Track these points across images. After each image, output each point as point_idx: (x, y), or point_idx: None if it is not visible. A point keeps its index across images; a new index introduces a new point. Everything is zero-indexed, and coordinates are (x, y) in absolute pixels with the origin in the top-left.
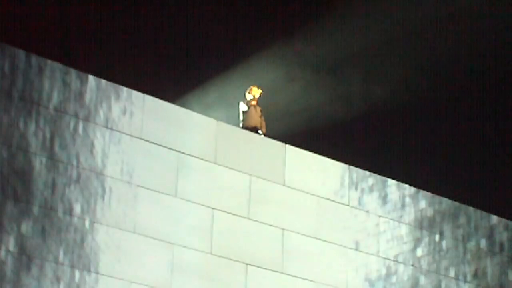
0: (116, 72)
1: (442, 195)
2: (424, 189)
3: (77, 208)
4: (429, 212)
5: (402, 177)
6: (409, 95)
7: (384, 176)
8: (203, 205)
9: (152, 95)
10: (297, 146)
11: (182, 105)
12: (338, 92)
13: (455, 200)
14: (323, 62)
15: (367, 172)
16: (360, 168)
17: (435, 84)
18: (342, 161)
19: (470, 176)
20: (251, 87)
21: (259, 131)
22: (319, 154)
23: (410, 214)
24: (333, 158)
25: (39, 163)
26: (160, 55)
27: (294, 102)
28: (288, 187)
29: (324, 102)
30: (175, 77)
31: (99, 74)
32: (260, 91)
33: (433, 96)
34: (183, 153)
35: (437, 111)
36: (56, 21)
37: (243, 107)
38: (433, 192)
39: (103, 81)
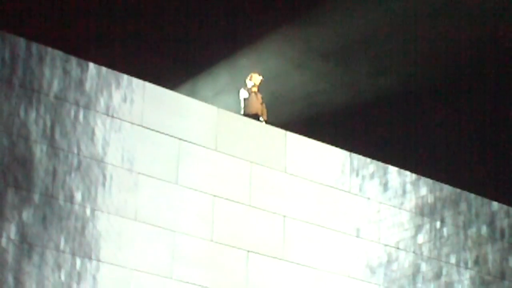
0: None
1: (443, 182)
2: (425, 176)
3: (78, 196)
4: (430, 199)
5: (403, 164)
6: (411, 83)
7: (385, 163)
8: (204, 192)
9: (157, 83)
10: (298, 133)
11: (189, 91)
12: (339, 80)
13: (456, 187)
14: (326, 50)
15: (368, 159)
16: (361, 155)
17: (437, 72)
18: (343, 148)
19: (471, 163)
20: (252, 74)
21: (260, 118)
22: (320, 141)
23: (411, 201)
24: (334, 145)
25: (40, 151)
26: (164, 41)
27: (295, 89)
28: (289, 174)
29: (325, 89)
30: (179, 63)
31: (99, 61)
32: (260, 78)
33: (434, 84)
34: (184, 140)
35: (438, 99)
36: (56, 9)
37: (244, 94)
38: (434, 178)
39: (104, 69)
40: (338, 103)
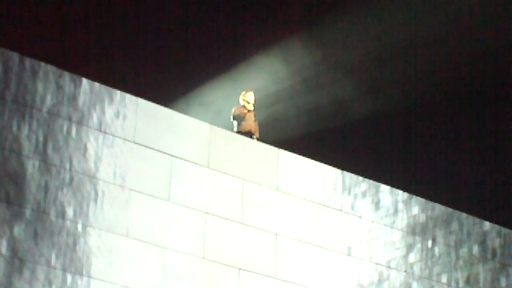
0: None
1: (435, 201)
2: (417, 195)
3: (70, 212)
4: (422, 218)
5: (395, 183)
6: (403, 101)
7: (377, 181)
8: (196, 209)
9: (150, 99)
10: (290, 151)
11: (183, 108)
12: (332, 98)
13: (447, 206)
14: (318, 68)
15: (360, 178)
16: (353, 173)
17: (430, 90)
18: (335, 166)
19: (463, 182)
20: (245, 92)
21: (253, 136)
22: (312, 159)
23: (402, 220)
24: (326, 163)
25: (32, 166)
26: (158, 57)
27: (287, 107)
28: (281, 192)
29: (318, 107)
30: (173, 80)
31: (92, 77)
32: (254, 96)
33: (427, 102)
34: (176, 157)
35: (430, 118)
36: (50, 24)
37: (237, 111)
38: (426, 198)
39: (97, 84)
40: (330, 122)
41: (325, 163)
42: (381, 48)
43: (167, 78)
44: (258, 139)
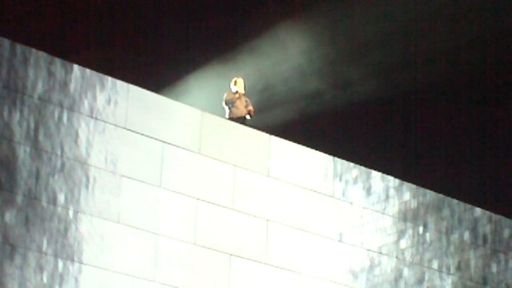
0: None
1: (426, 187)
2: (408, 181)
3: (61, 198)
4: (413, 204)
5: (386, 169)
6: (394, 87)
7: (368, 167)
8: (187, 195)
9: (141, 85)
10: (282, 137)
11: (174, 94)
12: (324, 85)
13: (439, 193)
14: (312, 54)
15: (351, 164)
16: (345, 159)
17: (420, 77)
18: (326, 153)
19: (454, 168)
20: (236, 78)
21: (247, 116)
22: (304, 145)
23: (394, 206)
24: (318, 150)
25: (23, 152)
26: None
27: (279, 93)
28: (273, 178)
29: (309, 94)
30: (164, 66)
31: (84, 63)
32: (243, 82)
33: (417, 89)
34: (167, 143)
35: (421, 104)
36: (41, 11)
37: (227, 97)
38: (417, 184)
39: (88, 71)
40: (322, 108)
41: (317, 149)
42: (376, 35)
43: (158, 64)
44: (251, 117)
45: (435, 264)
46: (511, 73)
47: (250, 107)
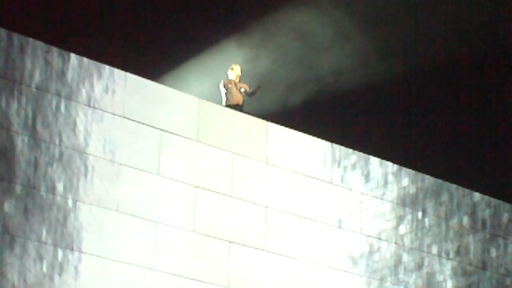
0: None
1: (424, 173)
2: (406, 167)
3: (60, 187)
4: (412, 190)
5: (384, 155)
6: (392, 73)
7: (366, 153)
8: (186, 183)
9: (138, 73)
10: (279, 123)
11: (171, 82)
12: (321, 71)
13: (437, 178)
14: (309, 41)
15: (350, 150)
16: (343, 145)
17: (418, 62)
18: (324, 139)
19: (453, 153)
20: (233, 65)
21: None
22: (302, 131)
23: (392, 192)
24: (316, 136)
25: (21, 141)
26: (146, 31)
27: (276, 80)
28: (271, 165)
29: (306, 80)
30: (161, 54)
31: (81, 52)
32: (240, 68)
33: (416, 73)
34: (165, 131)
35: (419, 89)
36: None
37: (224, 85)
38: (415, 169)
39: (85, 59)
40: (320, 94)
41: (315, 135)
42: (374, 19)
43: (156, 52)
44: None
45: (434, 249)
46: (511, 58)
47: (244, 85)
